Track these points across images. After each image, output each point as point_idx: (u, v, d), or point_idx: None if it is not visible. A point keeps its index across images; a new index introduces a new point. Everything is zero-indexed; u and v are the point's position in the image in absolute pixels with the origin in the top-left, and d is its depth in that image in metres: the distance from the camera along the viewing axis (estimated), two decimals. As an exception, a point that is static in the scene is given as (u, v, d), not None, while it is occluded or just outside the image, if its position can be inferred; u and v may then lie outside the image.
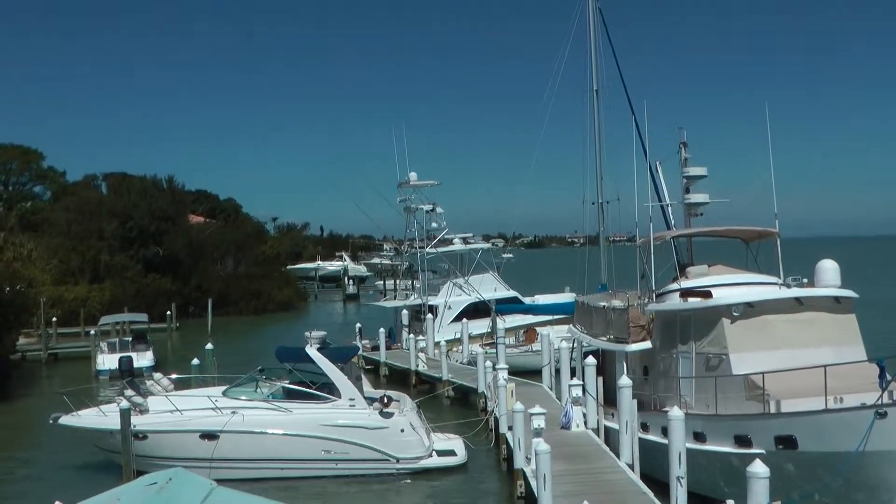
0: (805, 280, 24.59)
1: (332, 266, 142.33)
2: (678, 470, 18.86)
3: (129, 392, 28.23)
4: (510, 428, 24.79)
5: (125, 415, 26.36)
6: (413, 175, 55.14)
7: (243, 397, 28.09)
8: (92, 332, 54.80)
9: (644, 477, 22.02)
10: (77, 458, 29.39)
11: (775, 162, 27.16)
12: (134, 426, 26.56)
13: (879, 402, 18.73)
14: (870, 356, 22.53)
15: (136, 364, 48.49)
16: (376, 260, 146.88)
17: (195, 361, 35.91)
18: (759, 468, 15.73)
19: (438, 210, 55.91)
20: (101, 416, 28.00)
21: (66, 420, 28.43)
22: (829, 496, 19.45)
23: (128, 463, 26.04)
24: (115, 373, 47.71)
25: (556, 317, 47.30)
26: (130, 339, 53.14)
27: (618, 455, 23.49)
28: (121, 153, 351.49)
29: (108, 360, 49.46)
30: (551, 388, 34.17)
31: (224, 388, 29.14)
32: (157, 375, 32.36)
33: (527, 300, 53.44)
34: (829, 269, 24.38)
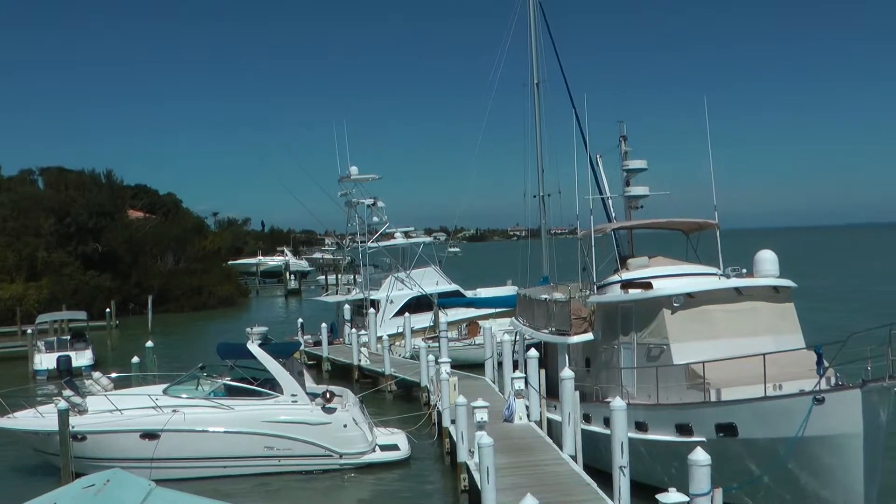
0: (744, 270, 24.83)
1: (274, 261, 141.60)
2: (621, 460, 18.95)
3: (67, 392, 27.80)
4: (453, 421, 24.77)
5: (63, 416, 25.90)
6: (354, 169, 55.06)
7: (184, 395, 27.81)
8: (29, 330, 53.76)
9: (587, 468, 22.13)
10: (13, 462, 28.87)
11: (714, 155, 27.46)
12: (72, 427, 26.11)
13: (817, 388, 19.01)
14: (808, 344, 22.83)
15: (74, 363, 47.65)
16: (318, 255, 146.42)
17: (135, 360, 35.60)
18: (700, 456, 15.87)
19: (379, 204, 55.85)
20: (38, 418, 27.51)
21: (1, 422, 27.91)
22: (769, 482, 19.71)
23: (66, 465, 25.59)
24: (53, 372, 46.90)
25: (498, 310, 47.47)
26: (69, 337, 52.34)
27: (561, 447, 23.58)
28: (57, 147, 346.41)
29: (45, 360, 48.60)
30: (494, 382, 34.21)
31: (165, 386, 28.83)
32: (97, 375, 31.88)
33: (469, 293, 53.55)
34: (767, 259, 24.67)
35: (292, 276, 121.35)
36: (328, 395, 27.65)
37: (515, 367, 30.76)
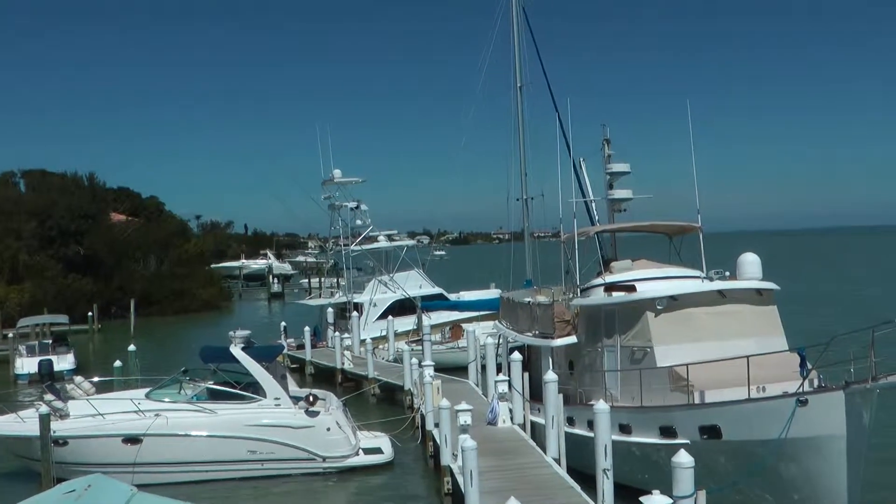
0: (727, 273, 24.89)
1: (257, 264, 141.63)
2: (604, 462, 18.97)
3: (48, 396, 27.61)
4: (436, 425, 24.73)
5: (45, 420, 25.74)
6: (337, 172, 55.01)
7: (167, 399, 27.65)
8: (10, 334, 53.64)
9: (571, 471, 22.12)
10: (-6, 466, 28.68)
11: (698, 158, 27.53)
12: (54, 432, 25.96)
13: (800, 390, 19.07)
14: (791, 346, 22.87)
15: (56, 367, 47.35)
16: (301, 258, 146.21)
17: (117, 363, 35.41)
18: (683, 458, 15.89)
19: (363, 207, 55.90)
20: (19, 423, 27.33)
21: (-18, 427, 27.72)
22: (753, 484, 19.72)
23: (48, 470, 25.42)
24: (34, 377, 46.64)
25: (481, 313, 47.41)
26: (50, 341, 51.97)
27: (544, 450, 23.57)
28: (39, 150, 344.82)
29: (27, 364, 48.36)
30: (477, 385, 34.21)
31: (147, 390, 28.67)
32: (79, 379, 31.80)
33: (452, 297, 53.48)
34: (750, 262, 24.72)
35: (275, 280, 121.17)
36: (311, 399, 27.55)
37: (499, 370, 30.71)
